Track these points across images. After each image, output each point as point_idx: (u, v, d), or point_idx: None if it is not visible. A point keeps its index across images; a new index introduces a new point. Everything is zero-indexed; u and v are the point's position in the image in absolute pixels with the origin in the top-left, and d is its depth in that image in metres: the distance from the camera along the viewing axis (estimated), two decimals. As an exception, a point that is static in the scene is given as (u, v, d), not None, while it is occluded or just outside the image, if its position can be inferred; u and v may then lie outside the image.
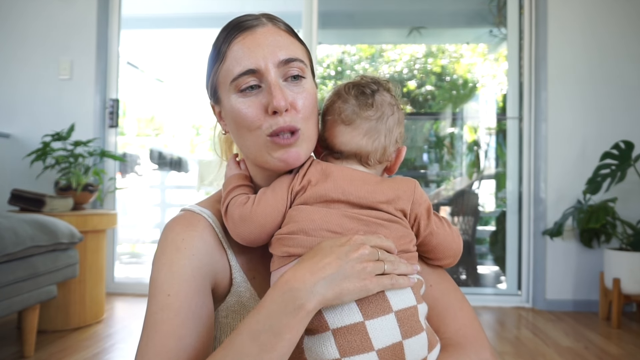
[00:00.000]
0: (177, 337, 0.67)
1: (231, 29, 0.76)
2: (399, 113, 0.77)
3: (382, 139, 0.74)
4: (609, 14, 3.11)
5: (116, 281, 3.37)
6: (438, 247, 0.77)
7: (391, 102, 0.76)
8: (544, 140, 3.12)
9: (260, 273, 0.80)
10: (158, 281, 0.71)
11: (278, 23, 0.78)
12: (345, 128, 0.74)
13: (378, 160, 0.75)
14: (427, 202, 0.75)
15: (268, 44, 0.73)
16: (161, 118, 5.44)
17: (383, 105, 0.74)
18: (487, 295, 3.31)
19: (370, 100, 0.74)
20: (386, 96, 0.76)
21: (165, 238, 0.75)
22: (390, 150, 0.75)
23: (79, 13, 3.27)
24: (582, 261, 3.08)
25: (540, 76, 3.14)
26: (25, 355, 2.07)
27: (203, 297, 0.72)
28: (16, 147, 3.20)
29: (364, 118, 0.73)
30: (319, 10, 3.36)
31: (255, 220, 0.72)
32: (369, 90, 0.75)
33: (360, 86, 0.75)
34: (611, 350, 2.31)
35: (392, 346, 0.62)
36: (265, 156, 0.74)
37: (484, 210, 3.92)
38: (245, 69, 0.72)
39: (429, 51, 4.14)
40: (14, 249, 1.87)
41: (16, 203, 2.56)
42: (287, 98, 0.72)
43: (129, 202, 4.32)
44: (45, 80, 3.26)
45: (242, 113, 0.73)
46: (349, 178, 0.71)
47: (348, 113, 0.74)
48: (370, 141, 0.73)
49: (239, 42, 0.74)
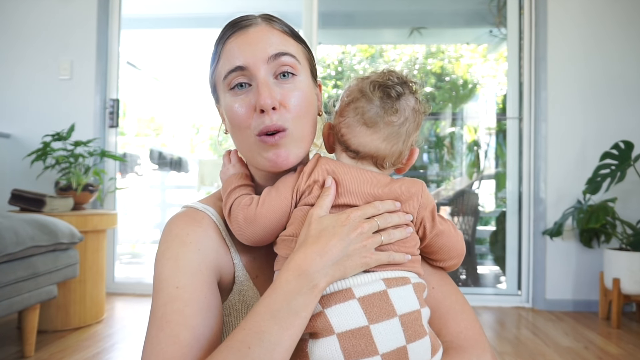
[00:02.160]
0: (190, 327, 0.65)
1: (226, 29, 0.76)
2: (420, 117, 0.74)
3: (400, 144, 0.72)
4: (609, 14, 3.11)
5: (116, 281, 3.37)
6: (443, 248, 0.76)
7: (415, 107, 0.73)
8: (543, 140, 3.12)
9: (263, 272, 0.80)
10: (164, 275, 0.69)
11: (273, 23, 0.77)
12: (367, 130, 0.71)
13: (393, 164, 0.74)
14: (432, 204, 0.74)
15: (258, 42, 0.73)
16: (161, 118, 5.44)
17: (407, 111, 0.71)
18: (487, 295, 3.31)
19: (396, 106, 0.70)
20: (411, 101, 0.72)
21: (169, 233, 0.74)
22: (405, 153, 0.74)
23: (79, 13, 3.27)
24: (582, 261, 3.08)
25: (540, 76, 3.14)
26: (26, 355, 2.07)
27: (212, 289, 0.71)
28: (16, 147, 3.20)
29: (387, 123, 0.70)
30: (319, 10, 3.36)
31: (260, 222, 0.71)
32: (394, 93, 0.70)
33: (387, 87, 0.71)
34: (611, 350, 2.31)
35: (397, 350, 0.62)
36: (256, 156, 0.74)
37: (484, 210, 3.92)
38: (234, 66, 0.72)
39: (428, 51, 4.14)
40: (14, 249, 1.87)
41: (16, 203, 2.56)
42: (275, 96, 0.70)
43: (129, 202, 4.32)
44: (45, 80, 3.26)
45: (233, 112, 0.73)
46: (357, 180, 0.70)
47: (371, 115, 0.70)
48: (389, 146, 0.71)
49: (232, 42, 0.74)
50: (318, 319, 0.62)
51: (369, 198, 0.69)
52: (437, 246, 0.76)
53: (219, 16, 3.98)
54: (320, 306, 0.63)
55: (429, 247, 0.76)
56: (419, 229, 0.74)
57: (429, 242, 0.75)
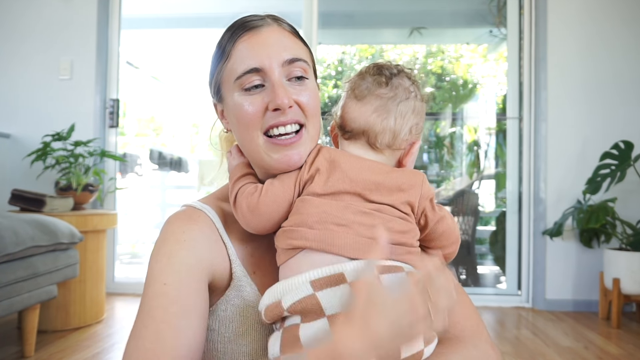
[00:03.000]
0: (173, 327, 0.66)
1: (236, 29, 0.77)
2: (416, 102, 0.75)
3: (391, 120, 0.73)
4: (609, 14, 3.11)
5: (116, 281, 3.37)
6: (444, 234, 0.76)
7: (409, 88, 0.75)
8: (543, 140, 3.12)
9: (260, 268, 0.80)
10: (155, 270, 0.71)
11: (283, 24, 0.78)
12: (357, 103, 0.74)
13: (387, 145, 0.73)
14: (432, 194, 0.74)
15: (272, 44, 0.74)
16: (161, 118, 5.44)
17: (398, 88, 0.74)
18: (487, 295, 3.31)
19: (386, 80, 0.73)
20: (405, 81, 0.75)
21: (166, 231, 0.76)
22: (401, 137, 0.74)
23: (79, 13, 3.27)
24: (582, 261, 3.08)
25: (540, 76, 3.14)
26: (26, 355, 2.07)
27: (200, 292, 0.72)
28: (16, 147, 3.20)
29: (376, 95, 0.73)
30: (319, 11, 3.35)
31: (263, 210, 0.71)
32: (388, 72, 0.74)
33: (382, 67, 0.75)
34: (611, 350, 2.31)
35: None
36: (263, 157, 0.74)
37: (484, 210, 3.92)
38: (250, 68, 0.73)
39: (429, 51, 4.14)
40: (14, 249, 1.86)
41: (16, 203, 2.56)
42: (290, 96, 0.72)
43: (129, 202, 4.32)
44: (45, 80, 3.26)
45: (244, 109, 0.73)
46: (357, 168, 0.70)
47: (362, 89, 0.74)
48: (379, 119, 0.72)
49: (244, 41, 0.75)
50: (309, 302, 0.62)
51: (369, 185, 0.70)
52: (439, 232, 0.75)
53: (219, 16, 3.98)
54: (312, 289, 0.62)
55: (431, 234, 0.76)
56: (421, 219, 0.74)
57: (431, 229, 0.75)
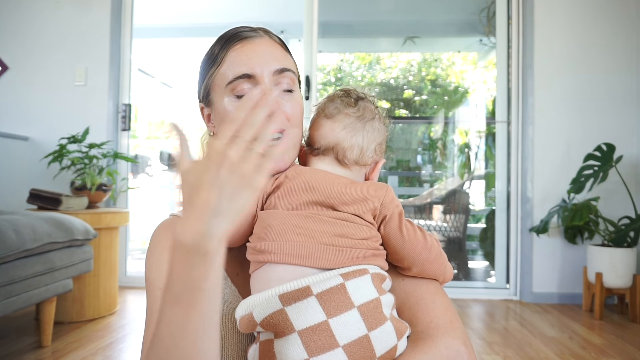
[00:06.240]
0: None
1: (229, 37, 0.77)
2: (380, 124, 0.76)
3: (359, 137, 0.73)
4: (592, 25, 3.12)
5: (128, 275, 3.38)
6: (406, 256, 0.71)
7: (373, 110, 0.77)
8: (530, 143, 3.12)
9: (243, 270, 0.78)
10: (150, 279, 0.73)
11: (273, 37, 0.79)
12: (327, 121, 0.75)
13: (354, 160, 0.73)
14: (398, 207, 0.71)
15: (264, 53, 0.75)
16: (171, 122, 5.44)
17: (365, 109, 0.75)
18: (478, 288, 3.31)
19: (354, 102, 0.76)
20: (369, 104, 0.77)
21: (153, 240, 0.78)
22: (367, 154, 0.74)
23: (93, 23, 3.28)
24: (566, 256, 3.08)
25: (527, 83, 3.14)
26: (43, 345, 2.07)
27: None
28: (34, 149, 3.20)
29: (345, 114, 0.74)
30: (320, 21, 3.36)
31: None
32: (355, 95, 0.77)
33: (349, 91, 0.78)
34: (594, 340, 2.32)
35: (359, 340, 0.61)
36: None
37: (474, 208, 3.92)
38: (241, 73, 0.73)
39: (423, 59, 4.15)
40: (32, 245, 1.87)
41: (34, 202, 2.56)
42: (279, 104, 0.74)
43: (140, 201, 4.32)
44: (61, 86, 3.26)
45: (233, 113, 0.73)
46: (320, 178, 0.70)
47: (332, 109, 0.75)
48: (348, 136, 0.73)
49: (237, 49, 0.75)
50: (279, 317, 0.61)
51: (332, 194, 0.68)
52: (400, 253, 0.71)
53: (225, 26, 3.96)
54: (281, 304, 0.61)
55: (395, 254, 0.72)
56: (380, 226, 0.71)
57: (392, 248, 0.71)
